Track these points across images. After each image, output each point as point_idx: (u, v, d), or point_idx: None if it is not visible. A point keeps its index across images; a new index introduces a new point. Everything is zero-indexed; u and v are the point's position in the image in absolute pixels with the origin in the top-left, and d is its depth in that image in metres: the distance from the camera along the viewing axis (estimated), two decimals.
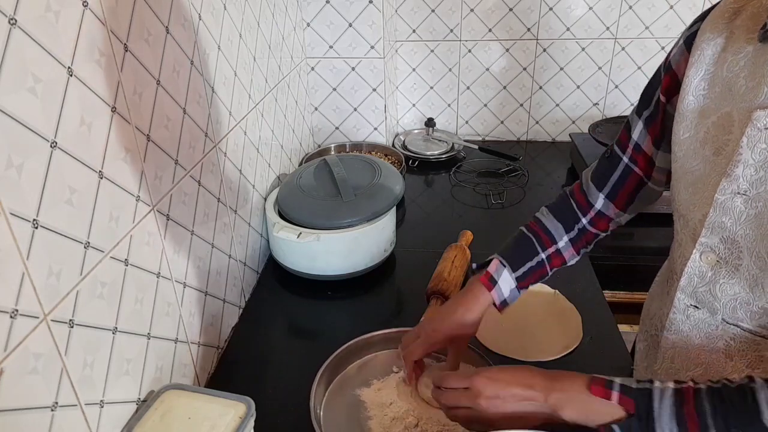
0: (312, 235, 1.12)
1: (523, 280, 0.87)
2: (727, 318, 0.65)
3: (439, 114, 1.88)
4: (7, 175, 0.52)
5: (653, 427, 0.59)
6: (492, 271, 0.87)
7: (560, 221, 0.89)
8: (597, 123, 1.62)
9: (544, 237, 0.89)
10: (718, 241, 0.65)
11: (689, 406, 0.58)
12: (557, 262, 0.89)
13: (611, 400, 0.62)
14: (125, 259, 0.72)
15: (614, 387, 0.62)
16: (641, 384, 0.62)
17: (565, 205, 0.90)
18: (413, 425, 0.83)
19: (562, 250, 0.88)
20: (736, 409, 0.57)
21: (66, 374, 0.61)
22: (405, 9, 1.72)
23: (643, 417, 0.60)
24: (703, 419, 0.57)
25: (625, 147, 0.82)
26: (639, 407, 0.60)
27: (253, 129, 1.18)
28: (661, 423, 0.59)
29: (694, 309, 0.69)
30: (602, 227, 0.88)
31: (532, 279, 0.88)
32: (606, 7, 1.67)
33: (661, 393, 0.60)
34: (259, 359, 1.03)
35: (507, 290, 0.87)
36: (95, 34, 0.64)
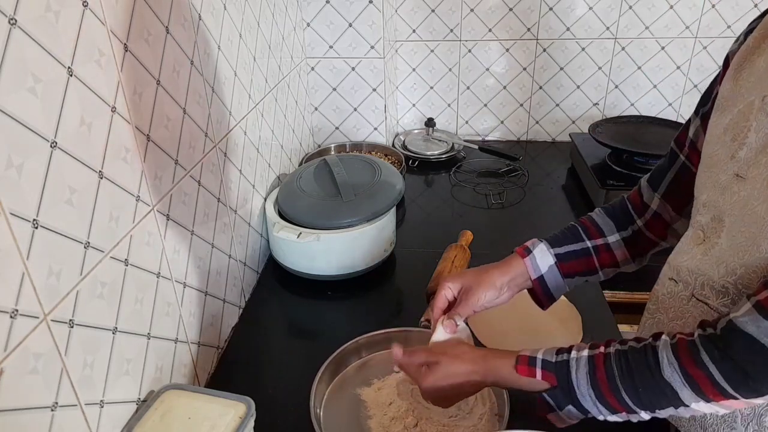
0: (312, 235, 1.12)
1: (564, 261, 0.84)
2: (697, 294, 0.67)
3: (439, 114, 1.88)
4: (7, 175, 0.52)
5: (575, 396, 0.66)
6: (529, 243, 0.86)
7: (613, 219, 0.87)
8: (597, 123, 1.62)
9: (592, 228, 0.86)
10: (709, 219, 0.66)
11: (600, 372, 0.65)
12: (606, 258, 0.85)
13: (536, 377, 0.69)
14: (125, 259, 0.72)
15: (537, 364, 0.70)
16: (560, 356, 0.69)
17: (620, 206, 0.88)
18: (413, 425, 0.83)
19: (612, 246, 0.85)
20: (640, 369, 0.63)
21: (66, 374, 0.61)
22: (405, 9, 1.72)
23: (564, 387, 0.67)
24: (613, 382, 0.64)
25: (683, 145, 0.80)
26: (560, 380, 0.68)
27: (253, 129, 1.18)
28: (581, 391, 0.66)
29: (673, 283, 0.71)
30: (659, 233, 0.84)
31: (578, 267, 0.85)
32: (606, 7, 1.67)
33: (576, 363, 0.67)
34: (259, 359, 1.03)
35: (545, 265, 0.84)
36: (95, 34, 0.64)
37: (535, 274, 0.84)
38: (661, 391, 0.62)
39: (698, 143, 0.77)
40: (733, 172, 0.63)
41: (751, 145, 0.61)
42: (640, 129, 1.59)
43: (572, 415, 0.68)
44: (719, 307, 0.65)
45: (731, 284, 0.63)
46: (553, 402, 0.68)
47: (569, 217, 1.45)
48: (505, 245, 1.24)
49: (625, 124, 1.62)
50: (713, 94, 0.75)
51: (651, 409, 0.63)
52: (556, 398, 0.68)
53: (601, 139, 1.49)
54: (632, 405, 0.64)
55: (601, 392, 0.65)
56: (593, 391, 0.65)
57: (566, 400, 0.67)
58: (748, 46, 0.67)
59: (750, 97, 0.64)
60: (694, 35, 1.70)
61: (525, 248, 0.86)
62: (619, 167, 1.48)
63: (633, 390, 0.63)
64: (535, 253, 0.84)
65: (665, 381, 0.61)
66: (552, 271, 0.84)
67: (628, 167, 1.47)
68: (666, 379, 0.61)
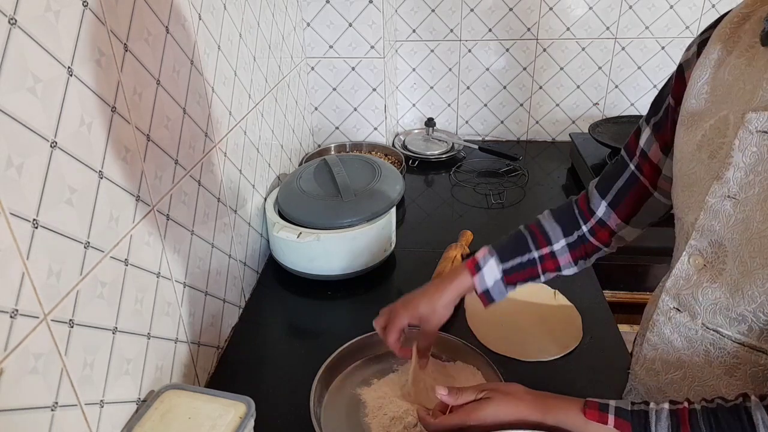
0: (312, 235, 1.12)
1: (509, 275, 0.86)
2: (707, 323, 0.65)
3: (439, 114, 1.88)
4: (7, 175, 0.52)
5: None
6: (479, 258, 0.86)
7: (560, 225, 0.87)
8: (597, 123, 1.62)
9: (540, 237, 0.87)
10: (706, 244, 0.64)
11: (685, 428, 0.58)
12: (550, 266, 0.87)
13: (607, 424, 0.62)
14: (125, 259, 0.72)
15: (609, 410, 0.63)
16: (636, 406, 0.62)
17: (567, 211, 0.88)
18: (413, 425, 0.83)
19: (557, 254, 0.86)
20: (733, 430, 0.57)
21: (66, 374, 0.61)
22: (405, 9, 1.72)
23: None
24: None
25: (633, 154, 0.80)
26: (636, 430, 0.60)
27: (253, 129, 1.18)
28: None
29: (677, 312, 0.68)
30: (603, 239, 0.85)
31: (521, 276, 0.86)
32: (606, 7, 1.67)
33: (657, 415, 0.60)
34: (259, 359, 1.03)
35: (491, 280, 0.85)
36: (95, 34, 0.64)
37: (481, 288, 0.86)
38: None
39: (650, 153, 0.77)
40: (722, 194, 0.61)
41: (738, 164, 0.59)
42: None
43: None
44: (734, 335, 0.63)
45: (750, 312, 0.60)
46: None
47: None
48: None
49: (625, 124, 1.62)
50: (665, 104, 0.74)
51: None
52: None
53: (601, 139, 1.49)
54: None
55: None
56: None
57: None
58: (708, 60, 0.65)
59: (721, 111, 0.62)
60: (694, 35, 1.70)
61: (475, 264, 0.86)
62: None
63: None
64: (485, 270, 0.85)
65: None
66: (497, 285, 0.86)
67: None
68: None
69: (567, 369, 0.97)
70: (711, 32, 0.68)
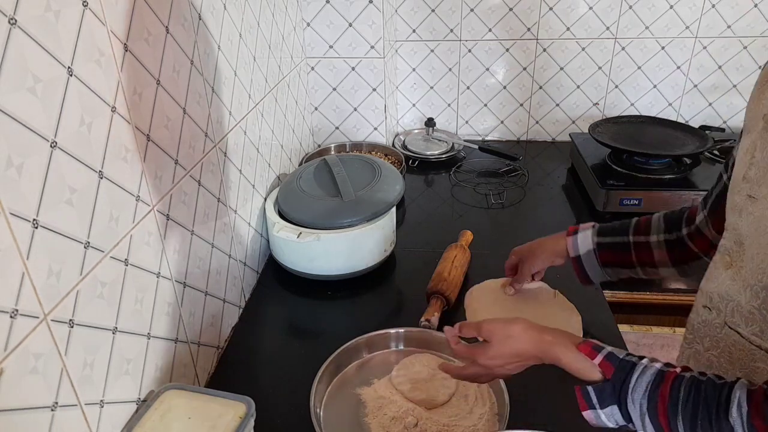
0: (312, 235, 1.12)
1: (602, 250, 0.90)
2: (729, 322, 0.66)
3: (439, 114, 1.88)
4: (7, 175, 0.52)
5: (625, 397, 0.62)
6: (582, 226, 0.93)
7: (665, 222, 0.90)
8: (597, 123, 1.61)
9: (642, 225, 0.90)
10: (732, 243, 0.66)
11: (665, 388, 0.60)
12: (644, 256, 0.89)
13: (594, 360, 0.66)
14: (125, 259, 0.72)
15: (601, 351, 0.66)
16: (629, 357, 0.65)
17: (679, 213, 0.90)
18: (413, 425, 0.83)
19: (652, 246, 0.88)
20: (707, 403, 0.58)
21: (66, 374, 0.61)
22: (405, 9, 1.72)
23: (617, 385, 0.63)
24: (674, 403, 0.59)
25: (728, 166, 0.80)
26: (616, 375, 0.63)
27: (253, 129, 1.18)
28: (633, 396, 0.62)
29: (707, 310, 0.70)
30: (701, 246, 0.85)
31: (615, 258, 0.90)
32: (606, 7, 1.67)
33: (643, 369, 0.63)
34: (259, 359, 1.03)
35: (584, 248, 0.90)
36: (95, 34, 0.64)
37: (573, 253, 0.92)
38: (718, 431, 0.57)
39: None
40: (746, 193, 0.63)
41: (758, 164, 0.61)
42: (640, 129, 1.59)
43: (612, 418, 0.64)
44: (750, 336, 0.63)
45: (756, 309, 0.61)
46: (596, 396, 0.64)
47: (569, 217, 1.45)
48: (505, 245, 1.24)
49: (625, 124, 1.62)
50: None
51: None
52: (602, 393, 0.64)
53: (601, 139, 1.49)
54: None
55: (656, 408, 0.60)
56: (648, 402, 0.61)
57: (612, 399, 0.63)
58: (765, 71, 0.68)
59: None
60: (694, 35, 1.70)
61: (576, 229, 0.94)
62: (619, 167, 1.48)
63: (691, 420, 0.58)
64: (579, 235, 0.92)
65: (728, 423, 0.56)
66: (589, 256, 0.91)
67: (628, 167, 1.47)
68: (730, 421, 0.56)
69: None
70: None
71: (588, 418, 0.66)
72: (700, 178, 1.45)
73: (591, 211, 1.44)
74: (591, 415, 0.66)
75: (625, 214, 1.39)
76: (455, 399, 0.88)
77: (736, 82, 1.75)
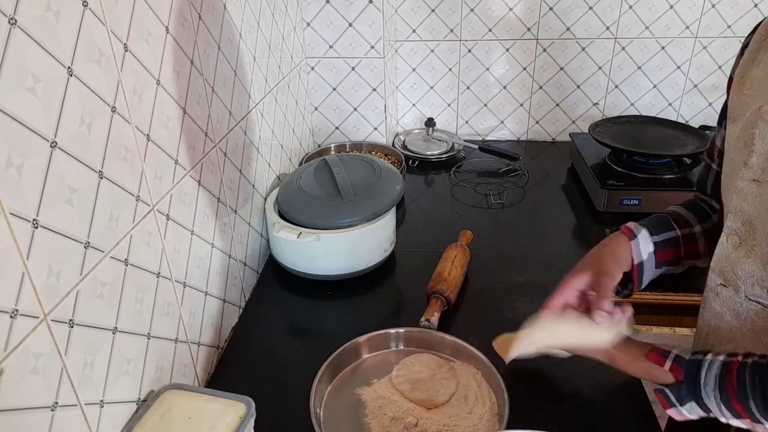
0: (312, 235, 1.12)
1: (660, 250, 0.84)
2: (749, 295, 0.70)
3: (439, 114, 1.88)
4: (7, 175, 0.52)
5: (699, 393, 0.68)
6: (631, 226, 0.85)
7: (693, 213, 0.89)
8: (597, 123, 1.61)
9: (680, 218, 0.87)
10: (740, 224, 0.70)
11: (732, 377, 0.66)
12: (690, 249, 0.86)
13: (663, 366, 0.71)
14: (125, 259, 0.72)
15: (669, 357, 0.72)
16: (694, 356, 0.71)
17: (694, 203, 0.90)
18: (413, 425, 0.83)
19: (697, 237, 0.86)
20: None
21: (66, 374, 0.61)
22: (405, 9, 1.72)
23: (689, 383, 0.69)
24: (743, 390, 0.65)
25: (713, 156, 0.86)
26: (687, 375, 0.69)
27: (253, 129, 1.18)
28: (706, 391, 0.67)
29: (723, 287, 0.74)
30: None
31: (668, 255, 0.85)
32: (606, 7, 1.67)
33: (709, 364, 0.68)
34: (259, 359, 1.03)
35: (645, 251, 0.83)
36: (95, 34, 0.64)
37: (638, 259, 0.84)
38: None
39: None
40: (749, 178, 0.68)
41: (760, 151, 0.67)
42: (640, 129, 1.59)
43: (694, 411, 0.70)
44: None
45: None
46: (674, 396, 0.70)
47: (569, 217, 1.45)
48: (505, 245, 1.25)
49: (625, 124, 1.62)
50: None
51: None
52: (679, 392, 0.70)
53: (601, 139, 1.49)
54: (759, 415, 0.65)
55: (729, 397, 0.66)
56: (719, 393, 0.67)
57: (689, 397, 0.69)
58: (746, 59, 0.73)
59: (754, 105, 0.69)
60: (694, 35, 1.70)
61: (630, 231, 0.85)
62: (619, 167, 1.48)
63: (763, 400, 0.64)
64: (640, 238, 0.84)
65: None
66: (650, 259, 0.84)
67: (628, 167, 1.47)
68: None
69: (567, 369, 0.97)
70: (751, 36, 0.75)
71: (672, 415, 0.72)
72: None
73: (591, 211, 1.45)
74: (674, 412, 0.71)
75: (625, 214, 1.39)
76: (455, 399, 0.88)
77: None
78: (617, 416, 0.88)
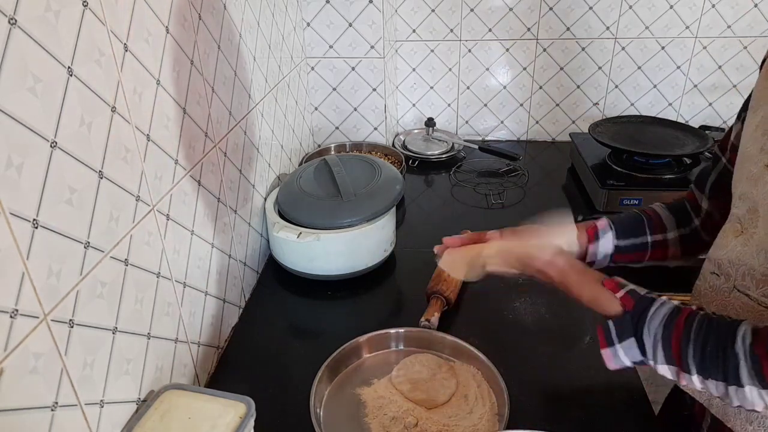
0: (312, 235, 1.12)
1: (620, 253, 0.87)
2: (738, 285, 0.69)
3: (439, 114, 1.88)
4: (7, 175, 0.52)
5: (642, 328, 0.66)
6: (600, 227, 0.87)
7: (675, 216, 0.88)
8: (597, 123, 1.61)
9: (657, 222, 0.88)
10: (745, 211, 0.69)
11: (680, 318, 0.65)
12: (658, 254, 0.87)
13: (616, 294, 0.70)
14: (125, 259, 0.72)
15: (624, 287, 0.70)
16: (650, 293, 0.69)
17: (680, 205, 0.90)
18: (413, 425, 0.83)
19: (669, 243, 0.87)
20: (716, 334, 0.62)
21: (66, 374, 0.61)
22: (405, 9, 1.72)
23: (635, 316, 0.67)
24: (687, 333, 0.64)
25: (725, 149, 0.83)
26: (636, 307, 0.68)
27: (253, 129, 1.18)
28: (651, 324, 0.66)
29: (715, 276, 0.73)
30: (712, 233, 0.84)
31: (629, 258, 0.88)
32: (606, 7, 1.67)
33: (662, 303, 0.67)
34: (259, 359, 1.03)
35: (602, 253, 0.86)
36: (95, 34, 0.64)
37: (591, 259, 0.87)
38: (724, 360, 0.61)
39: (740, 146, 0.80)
40: (763, 163, 0.66)
41: None
42: (640, 129, 1.59)
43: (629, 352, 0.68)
44: (759, 297, 0.66)
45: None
46: (615, 329, 0.68)
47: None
48: None
49: (625, 124, 1.62)
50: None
51: (705, 374, 0.63)
52: (622, 325, 0.68)
53: (601, 139, 1.49)
54: (690, 362, 0.63)
55: (670, 335, 0.64)
56: (663, 331, 0.65)
57: (630, 331, 0.67)
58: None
59: None
60: (694, 35, 1.70)
61: (595, 232, 0.87)
62: (619, 167, 1.48)
63: (700, 348, 0.62)
64: (602, 241, 0.86)
65: (734, 352, 0.60)
66: (604, 259, 0.87)
67: (628, 167, 1.47)
68: (735, 350, 0.60)
69: (567, 369, 0.97)
70: None
71: (606, 358, 0.70)
72: None
73: (591, 211, 1.44)
74: (609, 353, 0.69)
75: None
76: (455, 399, 0.88)
77: (736, 82, 1.75)
78: (617, 416, 0.88)
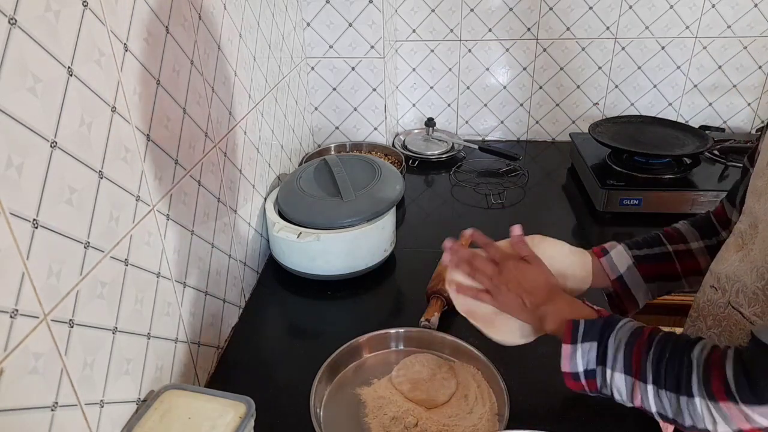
0: (312, 235, 1.12)
1: (643, 263, 0.85)
2: (732, 302, 0.68)
3: (439, 114, 1.88)
4: (7, 175, 0.52)
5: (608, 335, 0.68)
6: (606, 245, 0.87)
7: (696, 229, 0.87)
8: (597, 123, 1.61)
9: (672, 234, 0.87)
10: (747, 226, 0.68)
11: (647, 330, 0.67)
12: (689, 265, 0.85)
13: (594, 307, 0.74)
14: (125, 259, 0.72)
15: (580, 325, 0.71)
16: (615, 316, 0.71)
17: (704, 219, 0.89)
18: (413, 425, 0.83)
19: (695, 253, 0.85)
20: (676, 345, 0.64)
21: (66, 374, 0.61)
22: (405, 9, 1.72)
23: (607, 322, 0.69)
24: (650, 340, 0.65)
25: (753, 160, 0.81)
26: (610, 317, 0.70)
27: (253, 129, 1.18)
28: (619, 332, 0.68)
29: (713, 290, 0.72)
30: None
31: (657, 269, 0.85)
32: (606, 7, 1.67)
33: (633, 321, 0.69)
34: (259, 359, 1.03)
35: (623, 265, 0.84)
36: (95, 34, 0.64)
37: (614, 274, 0.84)
38: (679, 366, 0.62)
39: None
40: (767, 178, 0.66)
41: None
42: (640, 129, 1.59)
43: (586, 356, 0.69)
44: (751, 316, 0.65)
45: (760, 290, 0.63)
46: (583, 328, 0.69)
47: (569, 217, 1.45)
48: None
49: (625, 124, 1.62)
50: None
51: (659, 384, 0.63)
52: (591, 326, 0.69)
53: (601, 139, 1.49)
54: (648, 368, 0.64)
55: (633, 343, 0.66)
56: (628, 337, 0.66)
57: (595, 335, 0.68)
58: None
59: None
60: (694, 35, 1.70)
61: (602, 248, 0.87)
62: (619, 167, 1.48)
63: (659, 354, 0.64)
64: (612, 253, 0.85)
65: (689, 360, 0.61)
66: (631, 272, 0.84)
67: (628, 167, 1.47)
68: (691, 358, 0.61)
69: None
70: None
71: (564, 356, 0.70)
72: (700, 178, 1.45)
73: (591, 211, 1.44)
74: (569, 350, 0.70)
75: (625, 214, 1.39)
76: (455, 399, 0.88)
77: (736, 82, 1.75)
78: (617, 416, 0.87)
